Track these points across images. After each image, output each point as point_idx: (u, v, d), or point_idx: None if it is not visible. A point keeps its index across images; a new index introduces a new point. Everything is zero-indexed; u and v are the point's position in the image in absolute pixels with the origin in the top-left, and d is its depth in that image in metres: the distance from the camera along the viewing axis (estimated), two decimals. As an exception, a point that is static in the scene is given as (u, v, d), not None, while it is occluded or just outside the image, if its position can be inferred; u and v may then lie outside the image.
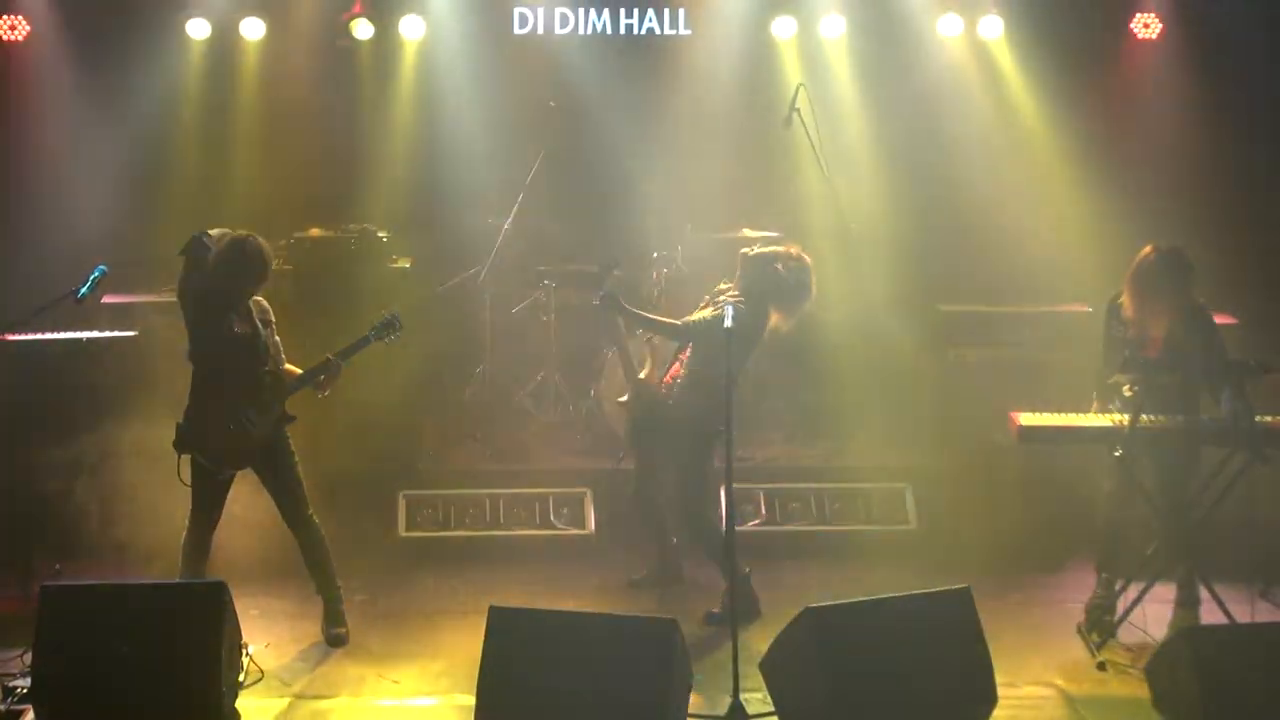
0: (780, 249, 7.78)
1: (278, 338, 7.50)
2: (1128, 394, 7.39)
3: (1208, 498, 7.35)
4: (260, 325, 7.37)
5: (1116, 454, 7.30)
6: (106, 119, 10.28)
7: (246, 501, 7.68)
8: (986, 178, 10.47)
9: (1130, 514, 7.65)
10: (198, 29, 10.49)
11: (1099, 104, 10.48)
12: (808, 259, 7.77)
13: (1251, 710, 6.16)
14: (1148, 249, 7.40)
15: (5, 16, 10.19)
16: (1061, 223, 10.17)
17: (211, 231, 7.45)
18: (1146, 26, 10.63)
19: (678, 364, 7.91)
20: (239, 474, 7.42)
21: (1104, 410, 7.48)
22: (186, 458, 7.31)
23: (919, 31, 10.65)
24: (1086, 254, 9.48)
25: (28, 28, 10.25)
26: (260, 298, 7.42)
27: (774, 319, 7.77)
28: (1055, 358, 9.29)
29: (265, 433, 7.36)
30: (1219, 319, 8.55)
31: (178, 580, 7.19)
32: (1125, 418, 7.27)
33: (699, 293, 9.68)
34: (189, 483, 7.31)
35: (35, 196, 9.94)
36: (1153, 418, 7.28)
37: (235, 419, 7.29)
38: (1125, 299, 7.49)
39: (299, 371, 7.46)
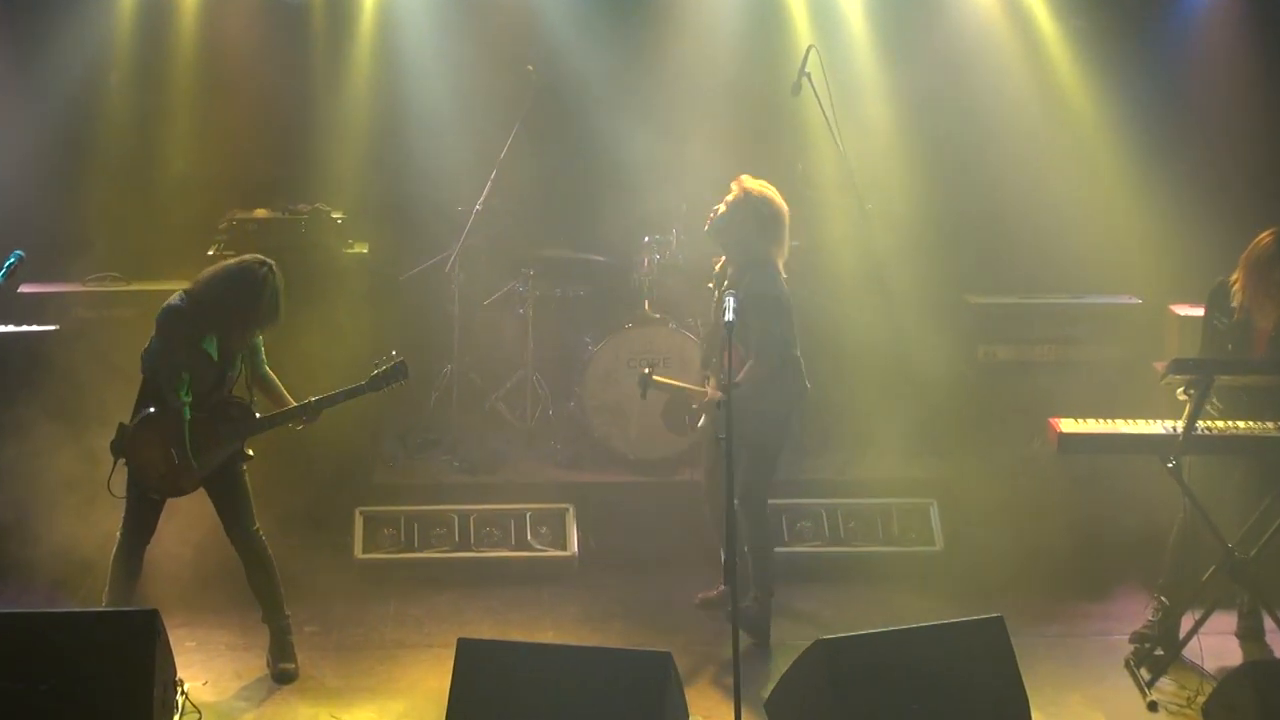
0: (729, 199, 7.93)
1: (260, 337, 7.53)
2: (1181, 398, 7.36)
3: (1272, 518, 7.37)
4: (235, 348, 7.39)
5: (1169, 465, 7.28)
6: (22, 86, 10.20)
7: (184, 514, 7.68)
8: (1023, 152, 10.48)
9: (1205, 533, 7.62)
10: (124, -21, 10.48)
11: (1153, 67, 10.47)
12: (750, 185, 7.93)
13: None
14: (1267, 233, 7.41)
15: None
16: (1109, 204, 10.19)
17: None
18: None
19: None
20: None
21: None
22: (121, 468, 7.29)
23: None
24: (1137, 239, 9.62)
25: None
26: None
27: (784, 253, 7.94)
28: (1101, 355, 9.32)
29: (214, 468, 7.37)
30: None
31: (103, 608, 7.17)
32: (1179, 423, 7.27)
33: (694, 283, 9.73)
34: (122, 494, 7.28)
35: None
36: (1231, 424, 7.30)
37: (183, 451, 7.26)
38: (1237, 285, 7.51)
39: (283, 396, 7.54)
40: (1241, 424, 7.35)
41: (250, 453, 7.46)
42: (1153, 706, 7.13)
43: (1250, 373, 7.37)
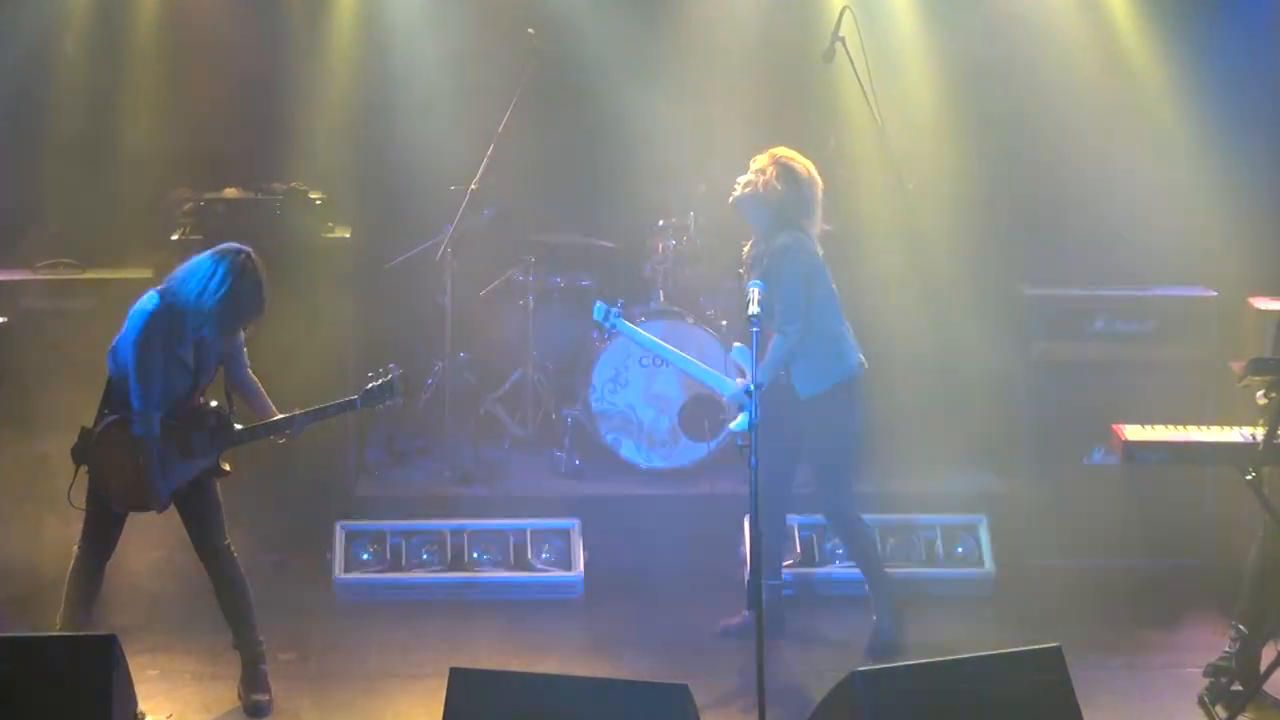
0: (757, 167, 8.04)
1: (243, 336, 7.53)
2: (1262, 401, 7.31)
3: None
4: (215, 347, 7.41)
5: (1248, 477, 7.19)
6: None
7: (148, 528, 7.68)
8: (1085, 126, 10.42)
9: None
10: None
11: (1235, 33, 10.39)
12: (780, 152, 8.05)
13: None
14: None
15: None
16: (1183, 185, 10.06)
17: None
18: None
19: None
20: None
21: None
22: (83, 476, 7.30)
23: None
24: (1214, 225, 9.57)
25: None
26: None
27: (817, 228, 8.08)
28: (1172, 355, 9.26)
29: (185, 485, 7.37)
30: None
31: (57, 632, 7.17)
32: (1259, 430, 7.19)
33: (712, 271, 9.76)
34: (82, 505, 7.31)
35: None
36: None
37: (150, 464, 7.25)
38: None
39: (268, 407, 7.54)
40: None
41: (227, 468, 7.47)
42: None
43: None
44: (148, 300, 7.21)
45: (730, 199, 8.13)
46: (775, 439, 7.81)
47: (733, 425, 8.27)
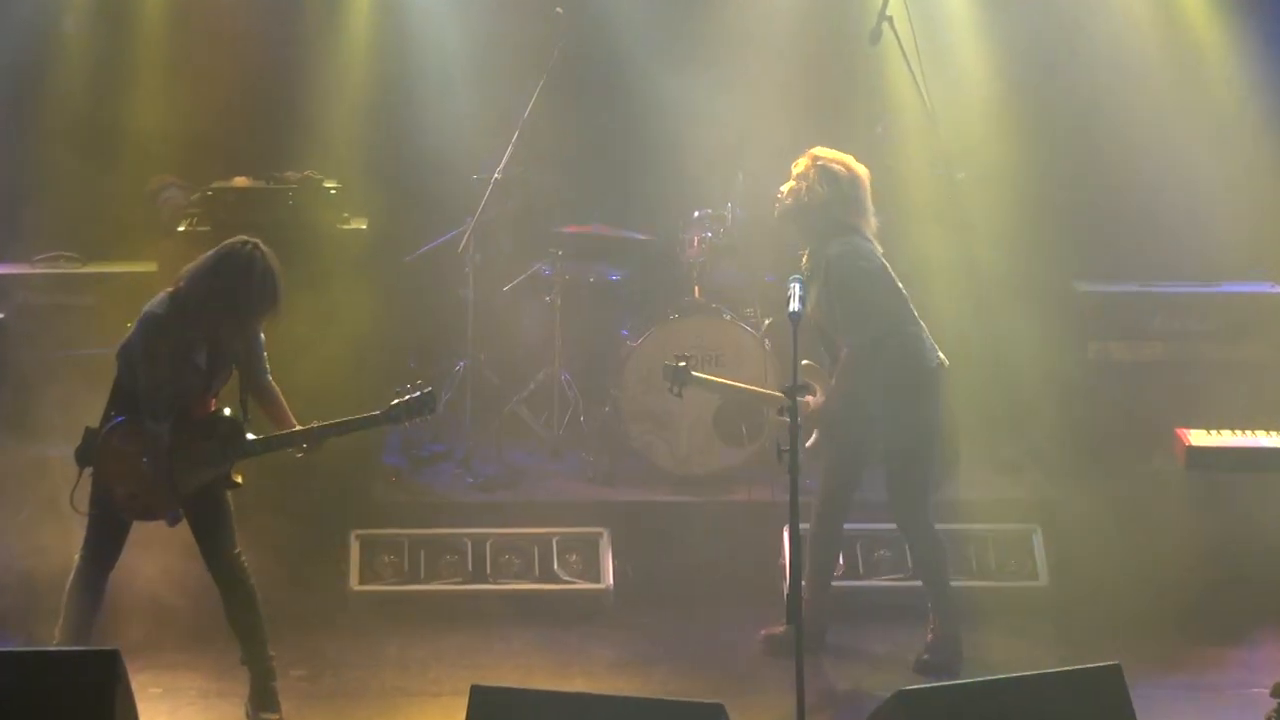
0: (797, 173, 8.08)
1: (263, 338, 7.55)
2: None
3: None
4: (226, 348, 7.41)
5: None
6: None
7: (153, 536, 7.66)
8: (1146, 113, 10.41)
9: None
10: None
11: None
12: (820, 152, 8.10)
13: None
14: None
15: None
16: (1250, 176, 10.10)
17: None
18: None
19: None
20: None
21: None
22: (86, 480, 7.29)
23: None
24: (1273, 216, 9.49)
25: None
26: None
27: (872, 226, 8.13)
28: (1238, 354, 9.27)
29: (194, 493, 7.36)
30: None
31: (57, 646, 7.16)
32: None
33: (750, 267, 9.71)
34: (85, 511, 7.29)
35: None
36: None
37: (159, 472, 7.26)
38: None
39: (287, 417, 7.53)
40: None
41: (238, 479, 7.44)
42: None
43: None
44: (158, 303, 7.25)
45: (776, 214, 8.15)
46: (844, 445, 7.91)
47: (809, 444, 8.20)
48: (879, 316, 7.76)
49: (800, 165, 8.03)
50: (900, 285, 8.11)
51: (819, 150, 8.04)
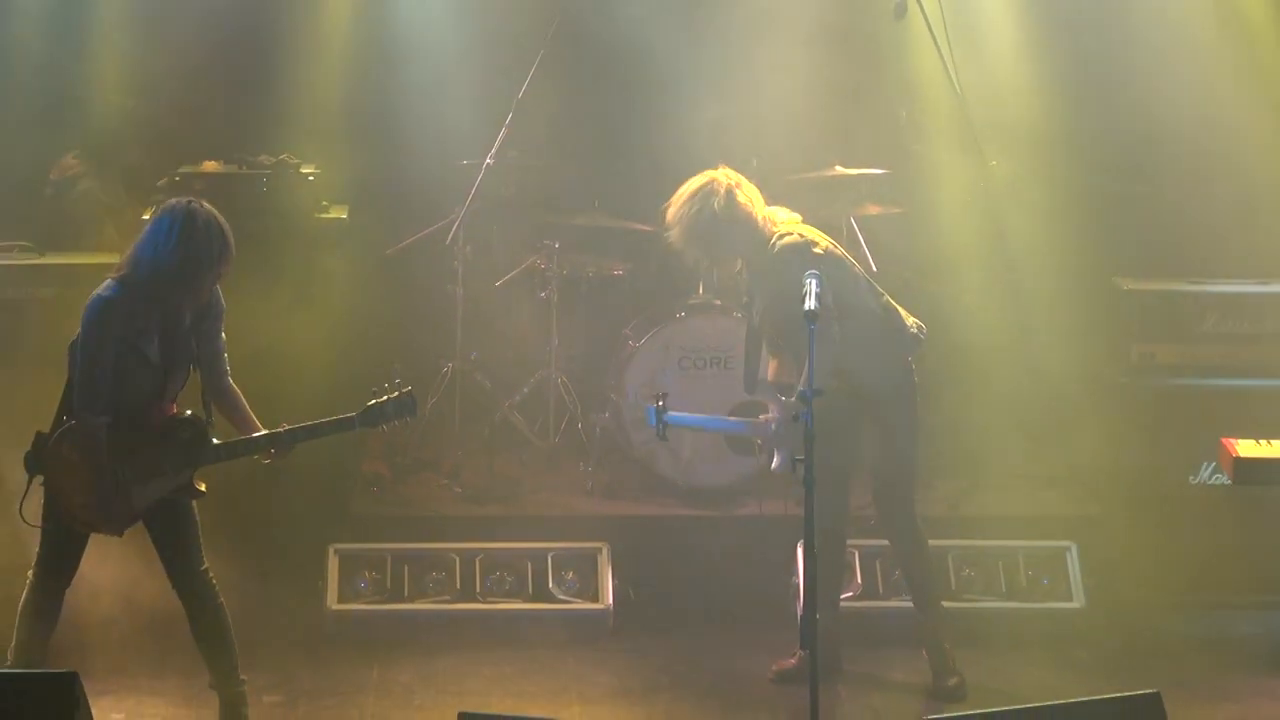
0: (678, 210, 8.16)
1: (224, 338, 7.53)
2: None
3: None
4: (192, 338, 7.40)
5: None
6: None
7: (110, 548, 7.69)
8: (1198, 97, 10.41)
9: None
10: None
11: None
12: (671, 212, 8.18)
13: None
14: None
15: None
16: None
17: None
18: None
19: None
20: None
21: None
22: (38, 489, 7.31)
23: None
24: None
25: None
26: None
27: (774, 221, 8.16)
28: None
29: (151, 501, 7.38)
30: None
31: (9, 668, 7.13)
32: None
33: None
34: (37, 523, 7.32)
35: None
36: None
37: (111, 480, 7.27)
38: None
39: (250, 421, 7.54)
40: None
41: (202, 488, 7.42)
42: None
43: None
44: (103, 287, 7.23)
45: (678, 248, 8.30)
46: (828, 449, 7.87)
47: (773, 467, 8.29)
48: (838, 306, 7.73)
49: (678, 201, 8.14)
50: (851, 265, 8.23)
51: (680, 194, 8.15)
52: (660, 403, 8.41)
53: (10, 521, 7.56)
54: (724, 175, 8.12)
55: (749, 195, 8.09)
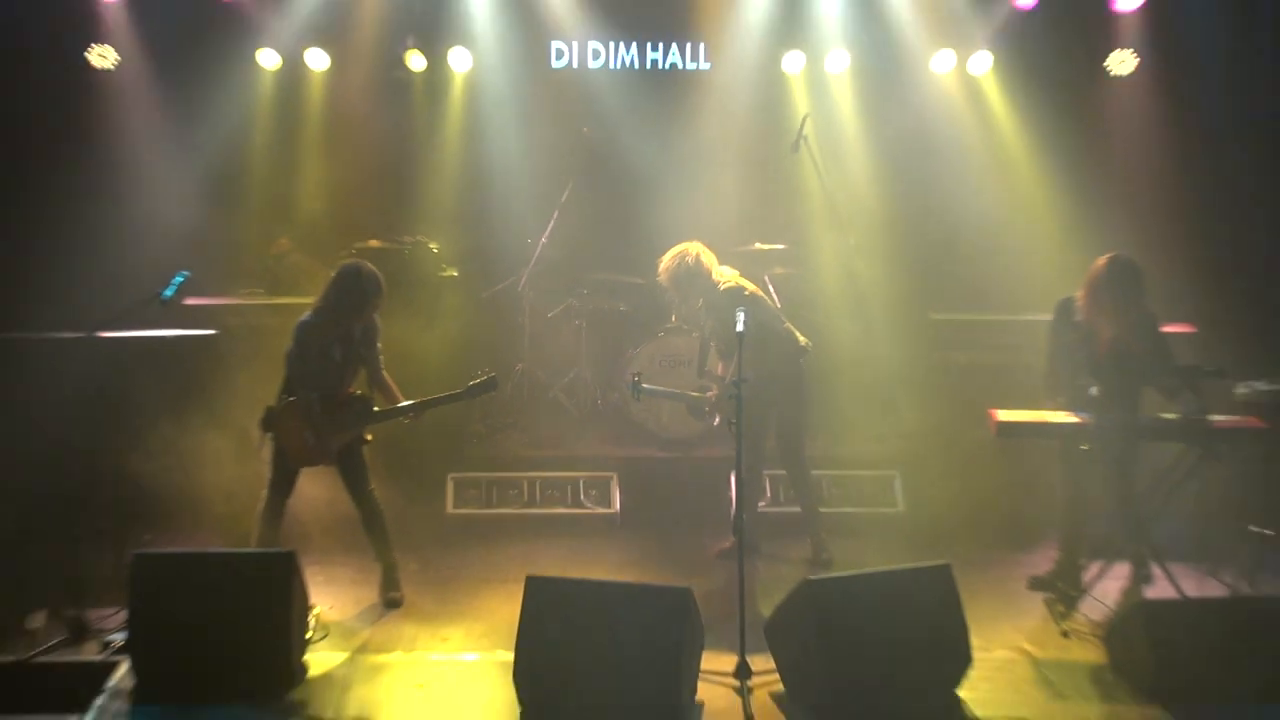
0: (666, 268, 8.12)
1: (379, 346, 7.56)
2: (1094, 393, 7.26)
3: (1163, 488, 7.31)
4: (359, 342, 7.43)
5: (1084, 448, 7.27)
6: (187, 139, 10.31)
7: (315, 477, 7.70)
8: (972, 198, 10.46)
9: (1090, 500, 7.60)
10: (268, 59, 10.56)
11: (1076, 130, 10.36)
12: (661, 264, 8.12)
13: (1200, 677, 6.20)
14: (1103, 258, 7.27)
15: (96, 46, 10.19)
16: (1036, 239, 10.14)
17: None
18: (1123, 62, 10.51)
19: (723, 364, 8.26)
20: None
21: (1054, 407, 7.41)
22: (268, 441, 7.38)
23: (915, 66, 10.57)
24: (1054, 267, 9.33)
25: (117, 57, 10.23)
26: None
27: (725, 276, 8.05)
28: (1026, 361, 8.98)
29: (340, 447, 7.43)
30: (1178, 327, 8.54)
31: (253, 549, 7.22)
32: (1087, 416, 7.24)
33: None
34: (269, 462, 7.40)
35: (124, 208, 9.83)
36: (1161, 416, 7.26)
37: (313, 432, 7.34)
38: (1080, 301, 7.34)
39: (396, 396, 7.58)
40: (1168, 415, 7.25)
41: (369, 437, 7.56)
42: (1065, 634, 7.13)
43: (1122, 374, 7.30)
44: (306, 315, 7.36)
45: (664, 289, 8.22)
46: (756, 418, 7.84)
47: (715, 424, 8.38)
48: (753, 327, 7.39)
49: (665, 264, 8.07)
50: (767, 300, 8.25)
51: (662, 264, 8.11)
52: (636, 378, 8.45)
53: (254, 462, 7.58)
54: (693, 246, 8.07)
55: (708, 259, 8.04)
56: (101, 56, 10.27)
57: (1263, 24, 10.21)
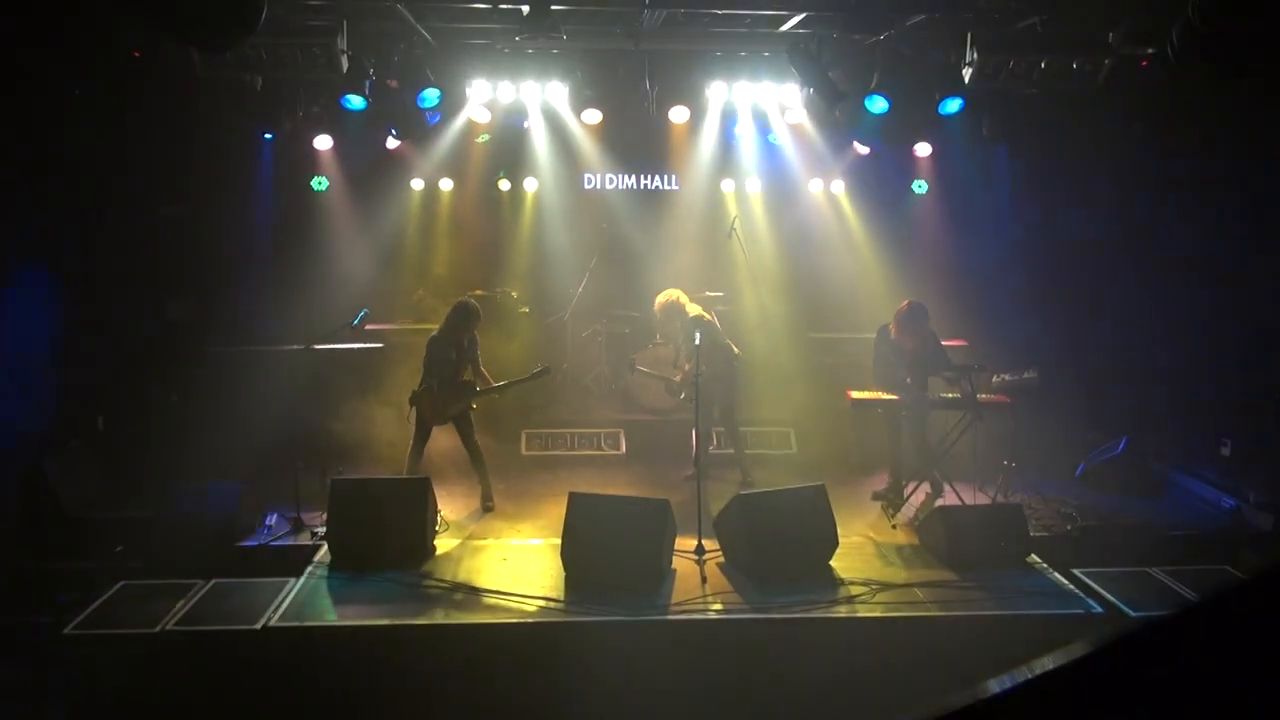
0: (661, 304, 7.94)
1: (478, 350, 7.38)
2: (907, 382, 7.28)
3: (950, 438, 7.20)
4: (466, 349, 7.25)
5: (904, 414, 7.26)
6: (371, 228, 10.25)
7: (442, 432, 7.60)
8: (835, 262, 10.27)
9: (905, 446, 7.48)
10: (416, 183, 10.49)
11: (893, 227, 10.28)
12: (656, 302, 7.96)
13: (976, 549, 6.18)
14: (904, 302, 7.26)
15: (316, 176, 10.13)
16: (869, 288, 9.91)
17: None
18: (921, 186, 10.48)
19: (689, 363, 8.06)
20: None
21: (882, 390, 7.33)
22: (413, 411, 7.23)
23: (798, 187, 10.50)
24: (880, 304, 9.16)
25: (328, 182, 10.21)
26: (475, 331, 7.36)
27: (697, 311, 7.85)
28: (864, 363, 9.10)
29: (456, 414, 7.29)
30: (956, 341, 8.56)
31: (404, 476, 7.12)
32: (902, 395, 7.19)
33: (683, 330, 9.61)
34: (413, 423, 7.24)
35: (334, 270, 9.82)
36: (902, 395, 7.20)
37: (439, 405, 7.18)
38: (892, 328, 7.29)
39: (489, 381, 7.35)
40: (949, 394, 7.18)
41: (474, 406, 7.33)
42: (894, 527, 7.04)
43: (918, 370, 7.21)
44: (435, 333, 7.24)
45: (656, 318, 8.10)
46: (707, 396, 7.74)
47: (681, 398, 8.19)
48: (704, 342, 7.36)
49: (660, 301, 7.86)
50: (713, 323, 7.89)
51: (657, 300, 7.90)
52: (633, 361, 8.48)
53: (405, 424, 7.28)
54: (674, 291, 7.89)
55: (684, 299, 7.84)
56: (319, 183, 10.23)
57: (1001, 165, 10.14)
